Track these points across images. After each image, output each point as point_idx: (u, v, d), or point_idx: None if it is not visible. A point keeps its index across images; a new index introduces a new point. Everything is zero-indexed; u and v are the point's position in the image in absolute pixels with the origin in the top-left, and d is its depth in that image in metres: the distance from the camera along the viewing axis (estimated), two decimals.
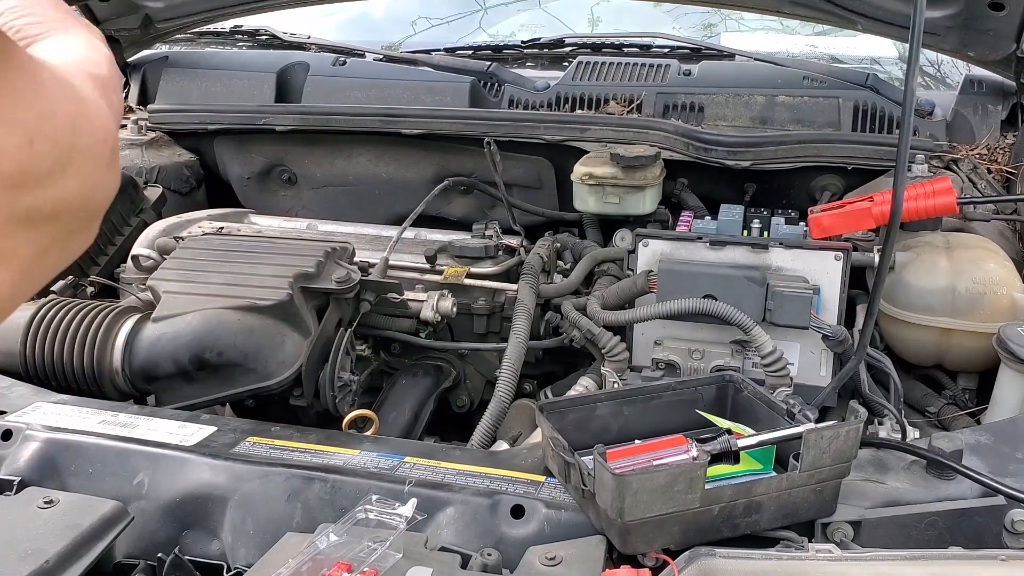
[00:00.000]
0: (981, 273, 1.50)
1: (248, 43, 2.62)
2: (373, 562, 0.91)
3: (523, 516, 1.04)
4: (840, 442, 1.00)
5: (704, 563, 0.90)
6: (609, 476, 0.93)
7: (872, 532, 1.03)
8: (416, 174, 2.12)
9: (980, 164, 1.84)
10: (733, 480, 1.01)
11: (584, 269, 1.79)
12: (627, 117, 2.04)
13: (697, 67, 2.19)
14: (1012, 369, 1.40)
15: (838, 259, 1.52)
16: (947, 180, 1.59)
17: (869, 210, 1.55)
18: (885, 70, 2.40)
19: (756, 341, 1.44)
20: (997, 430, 1.20)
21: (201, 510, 1.11)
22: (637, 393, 1.22)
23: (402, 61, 2.35)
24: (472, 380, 1.80)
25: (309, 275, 1.50)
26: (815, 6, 1.95)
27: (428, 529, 1.03)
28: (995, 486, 1.03)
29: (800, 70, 2.15)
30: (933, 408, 1.57)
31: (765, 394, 1.19)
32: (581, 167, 1.80)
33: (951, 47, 1.88)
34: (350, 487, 1.09)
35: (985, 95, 2.02)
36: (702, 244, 1.57)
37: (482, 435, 1.47)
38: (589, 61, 2.24)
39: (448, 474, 1.12)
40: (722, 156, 1.85)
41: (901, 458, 1.14)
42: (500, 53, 2.47)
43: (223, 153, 2.24)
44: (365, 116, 2.06)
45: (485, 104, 2.18)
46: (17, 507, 1.05)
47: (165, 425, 1.23)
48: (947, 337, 1.52)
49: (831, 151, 1.86)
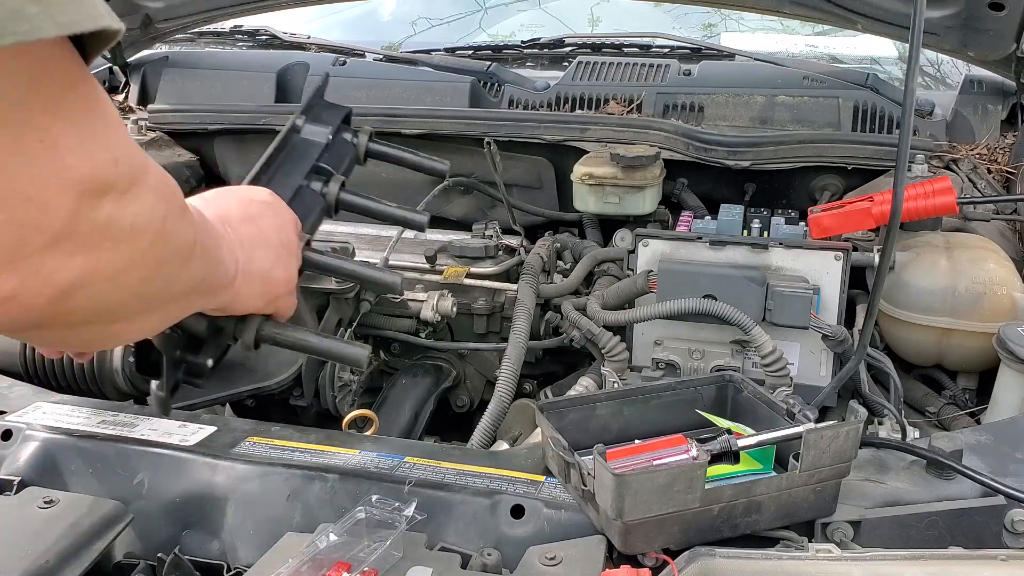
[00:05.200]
0: (981, 273, 1.50)
1: (248, 43, 2.62)
2: (373, 562, 0.91)
3: (523, 516, 1.04)
4: (840, 442, 1.00)
5: (704, 563, 0.90)
6: (609, 476, 0.93)
7: (872, 532, 1.03)
8: (416, 174, 2.11)
9: (980, 164, 1.84)
10: (733, 480, 1.01)
11: (584, 269, 1.79)
12: (627, 117, 2.04)
13: (697, 67, 2.19)
14: (1012, 369, 1.40)
15: (838, 259, 1.52)
16: (947, 180, 1.59)
17: (869, 210, 1.55)
18: (885, 70, 2.40)
19: (756, 341, 1.44)
20: (997, 430, 1.20)
21: (201, 510, 1.11)
22: (637, 393, 1.22)
23: (402, 61, 2.35)
24: (472, 380, 1.80)
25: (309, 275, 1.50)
26: (815, 6, 1.95)
27: (428, 529, 1.03)
28: (995, 486, 1.03)
29: (800, 70, 2.15)
30: (933, 408, 1.57)
31: (765, 394, 1.19)
32: (581, 167, 1.80)
33: (951, 47, 1.88)
34: (350, 487, 1.09)
35: (985, 95, 2.02)
36: (702, 244, 1.57)
37: (482, 435, 1.47)
38: (589, 61, 2.24)
39: (448, 474, 1.12)
40: (722, 156, 1.85)
41: (901, 458, 1.14)
42: (500, 53, 2.47)
43: (223, 153, 2.24)
44: (365, 116, 2.06)
45: (485, 104, 2.18)
46: (17, 507, 1.05)
47: (165, 425, 1.23)
48: (947, 337, 1.52)
49: (831, 151, 1.86)
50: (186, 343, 0.98)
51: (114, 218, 0.60)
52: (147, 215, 0.63)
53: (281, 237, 0.99)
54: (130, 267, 0.64)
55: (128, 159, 0.62)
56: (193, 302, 0.83)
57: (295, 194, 1.17)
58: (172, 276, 0.71)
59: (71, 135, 0.57)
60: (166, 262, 0.69)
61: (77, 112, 0.58)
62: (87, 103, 0.59)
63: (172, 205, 0.68)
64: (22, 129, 0.55)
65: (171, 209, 0.68)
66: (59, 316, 0.62)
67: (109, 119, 0.61)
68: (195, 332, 0.96)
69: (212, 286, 0.83)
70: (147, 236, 0.64)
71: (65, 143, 0.57)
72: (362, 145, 1.37)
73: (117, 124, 0.62)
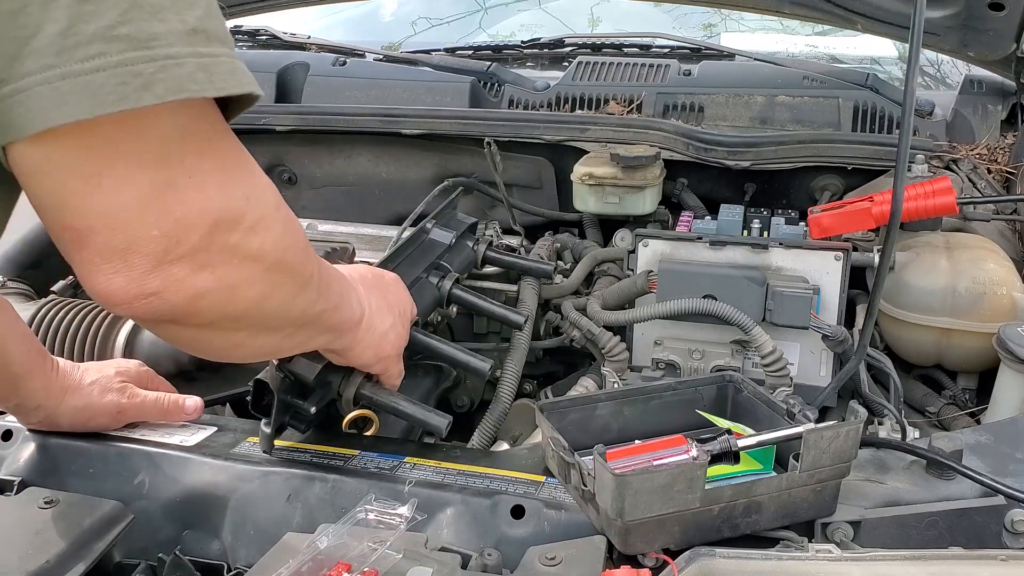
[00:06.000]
0: (981, 273, 1.50)
1: (248, 43, 2.61)
2: (373, 562, 0.91)
3: (523, 516, 1.04)
4: (840, 442, 1.00)
5: (704, 563, 0.90)
6: (609, 476, 0.93)
7: (872, 532, 1.03)
8: (416, 174, 2.12)
9: (980, 164, 1.84)
10: (733, 480, 1.01)
11: (584, 269, 1.79)
12: (627, 117, 2.04)
13: (697, 67, 2.18)
14: (1012, 369, 1.40)
15: (838, 259, 1.52)
16: (947, 180, 1.59)
17: (869, 210, 1.55)
18: (885, 70, 2.40)
19: (756, 341, 1.44)
20: (997, 430, 1.20)
21: (201, 510, 1.11)
22: (637, 393, 1.22)
23: (402, 61, 2.35)
24: (472, 380, 1.80)
25: None
26: (815, 6, 1.95)
27: (428, 529, 1.03)
28: (995, 486, 1.03)
29: (800, 70, 2.15)
30: (933, 408, 1.57)
31: (765, 394, 1.19)
32: (581, 167, 1.80)
33: (951, 47, 1.88)
34: (350, 487, 1.10)
35: (985, 95, 2.02)
36: (702, 244, 1.57)
37: (482, 435, 1.48)
38: (589, 61, 2.24)
39: (448, 474, 1.12)
40: (722, 156, 1.85)
41: (901, 458, 1.14)
42: (500, 53, 2.47)
43: None
44: (365, 116, 2.06)
45: (485, 104, 2.18)
46: (17, 507, 1.05)
47: (165, 425, 1.23)
48: (947, 337, 1.52)
49: (831, 151, 1.86)
50: (296, 389, 1.14)
51: (241, 243, 0.75)
52: (270, 245, 0.78)
53: (400, 308, 1.19)
54: (249, 284, 0.78)
55: (258, 198, 0.77)
56: (315, 336, 0.98)
57: (414, 282, 1.39)
58: (288, 299, 0.85)
59: (214, 175, 0.72)
60: (281, 285, 0.83)
61: (220, 157, 0.73)
62: (228, 151, 0.75)
63: (294, 240, 0.83)
64: (177, 167, 0.70)
65: (293, 243, 0.82)
66: (190, 316, 0.75)
67: (245, 164, 0.77)
68: (305, 380, 1.12)
69: (337, 324, 1.00)
70: (267, 261, 0.78)
71: (208, 180, 0.72)
72: (480, 252, 1.67)
73: (252, 168, 0.78)
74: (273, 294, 0.82)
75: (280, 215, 0.80)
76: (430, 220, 1.58)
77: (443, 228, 1.60)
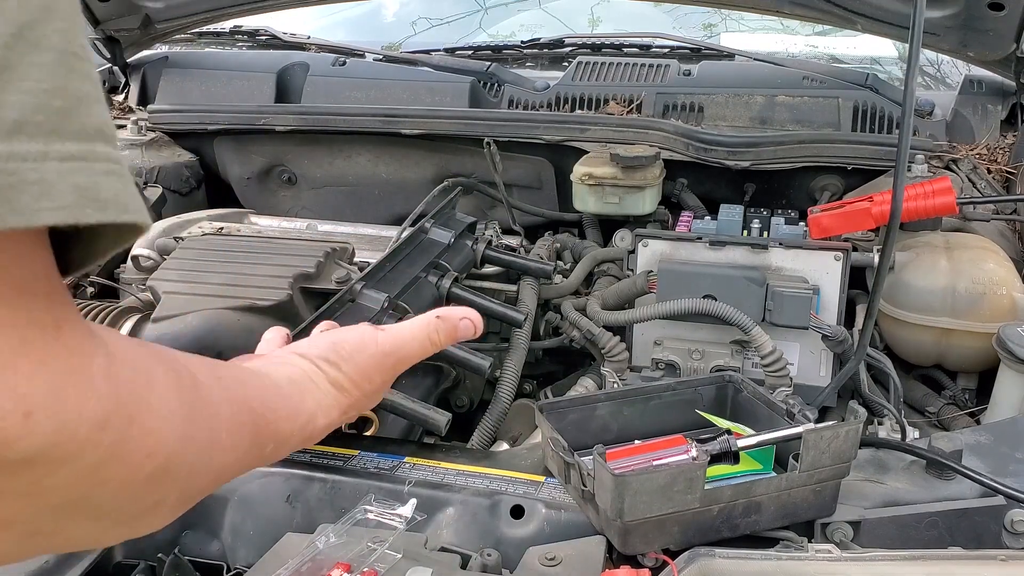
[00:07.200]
0: (981, 273, 1.50)
1: (248, 43, 2.62)
2: (373, 562, 0.91)
3: (523, 516, 1.04)
4: (840, 442, 1.00)
5: (704, 563, 0.90)
6: (609, 476, 0.93)
7: (872, 532, 1.03)
8: (416, 174, 2.12)
9: (980, 164, 1.84)
10: (733, 480, 1.01)
11: (584, 269, 1.79)
12: (627, 117, 2.04)
13: (697, 67, 2.19)
14: (1012, 369, 1.40)
15: (838, 259, 1.52)
16: (947, 180, 1.59)
17: (869, 210, 1.55)
18: (885, 70, 2.40)
19: (756, 341, 1.44)
20: (997, 430, 1.20)
21: (201, 510, 1.11)
22: (637, 393, 1.22)
23: (402, 61, 2.35)
24: (472, 380, 1.80)
25: (309, 275, 1.50)
26: (815, 6, 1.95)
27: (428, 529, 1.03)
28: (995, 486, 1.03)
29: (800, 70, 2.15)
30: (933, 408, 1.57)
31: (765, 394, 1.19)
32: (581, 167, 1.80)
33: (951, 47, 1.88)
34: (350, 487, 1.09)
35: (985, 95, 2.02)
36: (702, 244, 1.57)
37: (482, 435, 1.47)
38: (589, 61, 2.24)
39: (448, 474, 1.12)
40: (722, 156, 1.85)
41: (901, 458, 1.14)
42: (500, 53, 2.47)
43: (223, 153, 2.24)
44: (365, 116, 2.06)
45: (485, 104, 2.18)
46: None
47: None
48: (947, 337, 1.52)
49: (831, 151, 1.86)
50: None
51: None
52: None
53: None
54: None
55: (55, 411, 0.47)
56: (263, 452, 0.75)
57: (413, 281, 1.39)
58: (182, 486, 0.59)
59: None
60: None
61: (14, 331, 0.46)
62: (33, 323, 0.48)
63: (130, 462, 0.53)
64: None
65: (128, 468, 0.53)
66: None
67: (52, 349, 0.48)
68: None
69: (277, 435, 0.76)
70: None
71: None
72: (480, 251, 1.66)
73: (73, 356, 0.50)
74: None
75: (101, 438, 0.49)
76: (429, 219, 1.58)
77: (442, 227, 1.61)
